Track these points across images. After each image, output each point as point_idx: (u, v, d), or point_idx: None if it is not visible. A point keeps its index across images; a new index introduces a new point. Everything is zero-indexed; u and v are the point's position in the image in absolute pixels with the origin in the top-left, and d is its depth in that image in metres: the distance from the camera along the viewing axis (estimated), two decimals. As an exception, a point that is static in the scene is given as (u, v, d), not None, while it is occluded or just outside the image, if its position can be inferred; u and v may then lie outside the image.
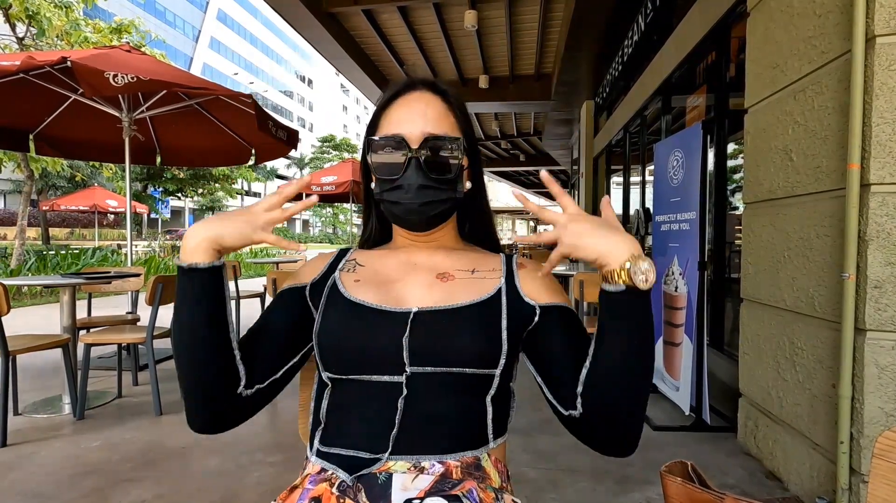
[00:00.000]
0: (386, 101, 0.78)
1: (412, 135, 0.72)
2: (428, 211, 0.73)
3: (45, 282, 2.75)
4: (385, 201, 0.75)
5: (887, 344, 1.55)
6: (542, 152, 14.69)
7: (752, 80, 2.27)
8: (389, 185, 0.73)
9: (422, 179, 0.72)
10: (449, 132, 0.75)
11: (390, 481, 0.62)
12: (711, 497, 0.53)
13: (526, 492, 1.85)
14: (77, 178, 17.74)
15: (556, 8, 6.22)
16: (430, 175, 0.72)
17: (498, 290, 0.74)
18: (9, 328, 2.37)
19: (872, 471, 0.56)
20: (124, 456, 2.15)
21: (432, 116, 0.74)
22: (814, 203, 1.82)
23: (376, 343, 0.68)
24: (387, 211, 0.77)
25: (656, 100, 5.09)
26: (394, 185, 0.73)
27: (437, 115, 0.75)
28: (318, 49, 7.05)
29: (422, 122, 0.73)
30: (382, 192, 0.75)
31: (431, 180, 0.72)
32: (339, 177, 7.25)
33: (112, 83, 2.62)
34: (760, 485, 1.96)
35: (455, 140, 0.73)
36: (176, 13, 46.11)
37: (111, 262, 9.77)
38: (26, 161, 8.56)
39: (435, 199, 0.73)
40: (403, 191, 0.72)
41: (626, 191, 6.81)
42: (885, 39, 1.54)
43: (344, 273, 0.79)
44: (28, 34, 8.44)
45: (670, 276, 2.80)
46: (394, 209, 0.75)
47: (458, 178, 0.76)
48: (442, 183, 0.73)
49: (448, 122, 0.76)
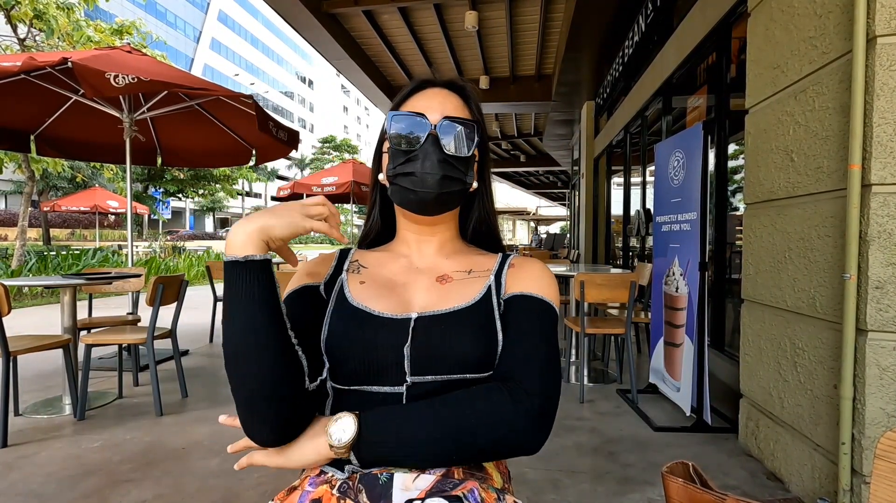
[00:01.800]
0: (404, 95, 0.80)
1: (432, 117, 0.75)
2: (441, 186, 0.74)
3: (46, 283, 2.75)
4: (399, 175, 0.75)
5: (888, 344, 1.55)
6: (543, 153, 14.70)
7: (753, 80, 2.27)
8: (405, 158, 0.74)
9: (439, 153, 0.73)
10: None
11: (391, 481, 0.61)
12: (713, 498, 0.53)
13: (526, 493, 1.85)
14: (78, 179, 17.75)
15: (557, 9, 6.23)
16: (447, 152, 0.74)
17: (487, 290, 0.75)
18: (9, 329, 2.37)
19: (874, 472, 0.56)
20: (125, 456, 2.15)
21: (450, 107, 0.77)
22: (815, 203, 1.82)
23: (378, 354, 0.68)
24: (397, 189, 0.76)
25: (657, 100, 5.09)
26: (409, 156, 0.74)
27: (455, 107, 0.77)
28: (319, 50, 7.06)
29: (440, 109, 0.76)
30: (396, 167, 0.75)
31: (447, 156, 0.74)
32: (340, 177, 7.25)
33: (113, 84, 2.62)
34: (762, 485, 1.96)
35: (472, 123, 0.76)
36: (177, 14, 46.18)
37: (112, 263, 9.78)
38: (27, 162, 8.57)
39: (449, 175, 0.74)
40: (419, 161, 0.73)
41: (627, 191, 6.80)
42: (886, 39, 1.54)
43: (351, 274, 0.79)
44: (30, 35, 8.45)
45: (671, 277, 2.80)
46: (407, 182, 0.74)
47: (469, 163, 0.77)
48: (456, 160, 0.75)
49: (464, 114, 0.78)
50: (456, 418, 0.62)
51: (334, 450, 0.62)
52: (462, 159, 0.75)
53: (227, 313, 0.61)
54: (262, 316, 0.61)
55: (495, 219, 0.87)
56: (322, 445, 0.63)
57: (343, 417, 0.62)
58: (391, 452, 0.61)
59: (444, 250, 0.81)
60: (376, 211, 0.86)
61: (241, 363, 0.61)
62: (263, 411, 0.62)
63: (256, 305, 0.61)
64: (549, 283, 0.76)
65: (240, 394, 0.62)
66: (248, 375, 0.61)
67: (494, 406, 0.63)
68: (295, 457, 0.64)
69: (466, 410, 0.62)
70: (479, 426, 0.62)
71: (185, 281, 2.94)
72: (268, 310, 0.61)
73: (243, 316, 0.61)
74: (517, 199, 40.38)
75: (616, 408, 2.81)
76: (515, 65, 8.15)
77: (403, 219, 0.81)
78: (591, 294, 2.89)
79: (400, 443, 0.61)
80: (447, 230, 0.82)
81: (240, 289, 0.61)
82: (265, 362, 0.61)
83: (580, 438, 2.38)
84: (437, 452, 0.62)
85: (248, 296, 0.61)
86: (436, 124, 0.74)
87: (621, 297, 2.91)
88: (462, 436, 0.62)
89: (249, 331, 0.60)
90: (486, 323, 0.71)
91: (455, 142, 0.74)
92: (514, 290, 0.74)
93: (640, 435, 2.43)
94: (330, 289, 0.77)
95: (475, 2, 6.14)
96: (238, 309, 0.61)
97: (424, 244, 0.81)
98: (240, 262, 0.61)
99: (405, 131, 0.75)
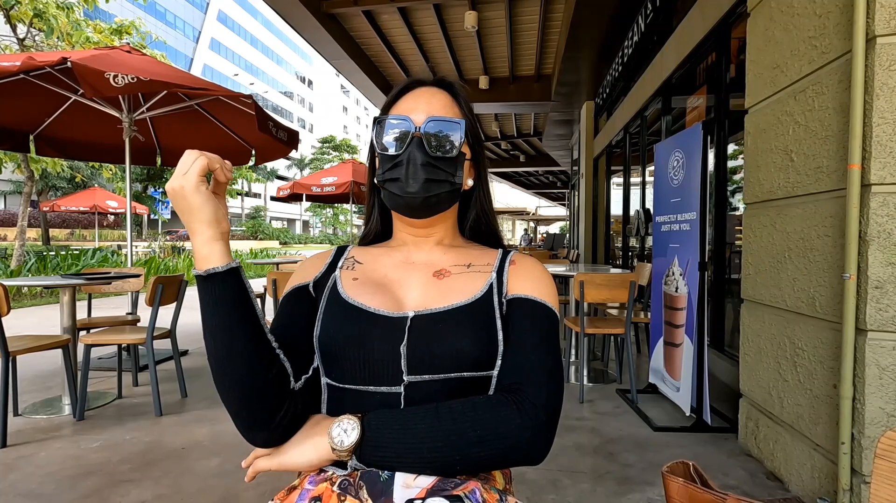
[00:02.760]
0: (393, 96, 0.80)
1: (417, 118, 0.74)
2: (427, 189, 0.73)
3: (46, 283, 2.75)
4: (386, 180, 0.75)
5: (888, 344, 1.55)
6: (542, 153, 14.70)
7: (753, 80, 2.27)
8: (391, 163, 0.74)
9: (423, 157, 0.72)
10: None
11: (392, 479, 0.61)
12: (713, 497, 0.53)
13: (526, 493, 1.85)
14: (77, 179, 17.75)
15: (557, 9, 6.23)
16: (430, 153, 0.73)
17: (489, 287, 0.74)
18: (9, 329, 2.36)
19: (874, 472, 0.56)
20: (124, 457, 2.15)
21: (437, 105, 0.76)
22: (814, 203, 1.82)
23: (374, 353, 0.68)
24: (388, 195, 0.76)
25: (656, 100, 5.09)
26: (395, 161, 0.73)
27: (442, 105, 0.77)
28: (319, 50, 7.06)
29: (427, 108, 0.75)
30: (384, 172, 0.75)
31: (431, 158, 0.73)
32: (340, 177, 7.25)
33: (112, 84, 2.62)
34: (761, 485, 1.96)
35: (457, 122, 0.75)
36: (176, 14, 46.16)
37: (111, 263, 9.77)
38: (26, 162, 8.56)
39: (435, 178, 0.73)
40: (404, 167, 0.73)
41: (627, 191, 6.81)
42: (886, 39, 1.54)
43: (344, 271, 0.79)
44: (29, 35, 8.44)
45: (671, 277, 2.80)
46: (394, 188, 0.74)
47: (457, 163, 0.76)
48: (441, 162, 0.74)
49: (453, 111, 0.77)
50: (462, 429, 0.62)
51: (336, 452, 0.62)
52: (448, 160, 0.74)
53: (203, 324, 0.64)
54: (230, 320, 0.63)
55: (493, 215, 0.87)
56: (324, 447, 0.63)
57: (346, 420, 0.62)
58: (394, 458, 0.61)
59: (441, 246, 0.81)
60: (375, 212, 0.86)
61: (220, 369, 0.63)
62: (250, 413, 0.63)
63: (225, 311, 0.63)
64: (550, 286, 0.76)
65: (226, 400, 0.64)
66: (228, 379, 0.63)
67: (501, 419, 0.63)
68: (296, 459, 0.64)
69: (472, 421, 0.62)
70: (486, 438, 0.62)
71: (184, 281, 2.93)
72: (236, 315, 0.63)
73: (213, 322, 0.63)
74: (517, 199, 40.42)
75: (616, 408, 2.81)
76: (515, 65, 8.15)
77: (399, 220, 0.81)
78: (591, 294, 2.89)
79: (404, 450, 0.61)
80: (444, 229, 0.82)
81: (208, 299, 0.63)
82: (240, 365, 0.63)
83: (580, 438, 2.38)
84: (440, 460, 0.62)
85: (216, 303, 0.63)
86: (419, 126, 0.73)
87: (621, 297, 2.91)
88: (467, 448, 0.62)
89: (222, 336, 0.63)
90: (487, 322, 0.70)
91: (440, 142, 0.74)
92: (517, 293, 0.74)
93: (639, 435, 2.43)
94: (321, 287, 0.77)
95: (475, 2, 6.14)
96: (208, 316, 0.63)
97: (421, 242, 0.81)
98: (202, 276, 0.63)
99: (390, 136, 0.74)
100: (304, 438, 0.65)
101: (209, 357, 0.64)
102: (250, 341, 0.63)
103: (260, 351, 0.64)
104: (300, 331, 0.72)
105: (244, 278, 0.65)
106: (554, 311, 0.73)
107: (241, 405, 0.63)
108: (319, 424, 0.66)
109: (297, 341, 0.71)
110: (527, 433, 0.62)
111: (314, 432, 0.65)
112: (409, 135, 0.73)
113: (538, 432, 0.63)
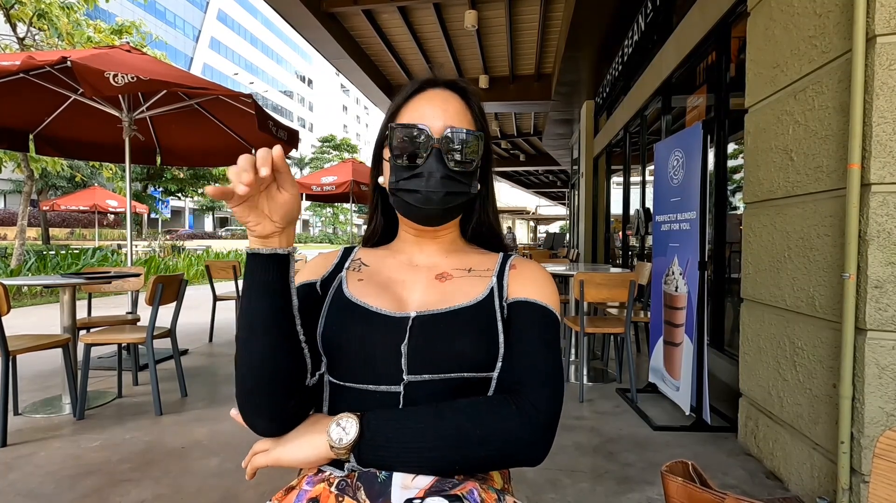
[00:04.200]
0: (405, 96, 0.78)
1: (434, 126, 0.72)
2: (446, 202, 0.73)
3: (45, 283, 2.75)
4: (402, 190, 0.74)
5: (888, 343, 1.55)
6: (542, 152, 14.70)
7: (753, 79, 2.27)
8: (409, 174, 0.73)
9: (443, 170, 0.72)
10: (467, 128, 0.75)
11: (390, 479, 0.61)
12: (712, 497, 0.53)
13: (526, 493, 1.85)
14: (77, 178, 17.73)
15: (557, 8, 6.23)
16: (451, 166, 0.72)
17: (490, 291, 0.74)
18: (9, 328, 2.36)
19: (873, 471, 0.56)
20: (124, 456, 2.15)
21: (452, 112, 0.75)
22: (814, 203, 1.82)
23: (374, 351, 0.68)
24: (400, 202, 0.75)
25: (656, 100, 5.09)
26: (414, 172, 0.72)
27: (457, 112, 0.75)
28: (319, 49, 7.06)
29: (443, 115, 0.74)
30: (399, 181, 0.74)
31: (452, 171, 0.72)
32: (340, 177, 7.24)
33: (112, 83, 2.62)
34: (761, 485, 1.96)
35: (477, 135, 0.74)
36: (176, 13, 46.13)
37: (111, 262, 9.77)
38: (26, 161, 8.56)
39: (453, 191, 0.73)
40: (423, 179, 0.72)
41: (627, 191, 6.81)
42: (886, 39, 1.54)
43: (350, 272, 0.79)
44: (29, 34, 8.44)
45: (671, 276, 2.80)
46: (410, 198, 0.73)
47: (474, 174, 0.76)
48: (461, 175, 0.73)
49: (466, 118, 0.76)
50: (462, 430, 0.62)
51: (335, 450, 0.62)
52: (467, 173, 0.74)
53: (242, 299, 0.64)
54: (270, 302, 0.62)
55: (497, 219, 0.86)
56: (322, 445, 0.63)
57: (345, 418, 0.62)
58: (393, 457, 0.61)
59: (443, 250, 0.81)
60: (378, 213, 0.86)
61: (246, 344, 0.63)
62: (261, 397, 0.63)
63: (272, 289, 0.62)
64: (550, 288, 0.76)
65: (244, 377, 0.63)
66: (252, 356, 0.62)
67: (502, 420, 0.63)
68: (294, 456, 0.64)
69: (473, 422, 0.62)
70: (486, 439, 0.62)
71: (184, 280, 2.93)
72: (279, 299, 0.63)
73: (254, 300, 0.62)
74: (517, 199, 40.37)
75: (615, 407, 2.81)
76: (515, 64, 8.15)
77: (405, 223, 0.81)
78: (591, 293, 2.89)
79: (403, 450, 0.61)
80: (449, 233, 0.82)
81: (253, 278, 0.63)
82: (267, 347, 0.62)
83: (580, 437, 2.38)
84: (440, 461, 0.62)
85: (261, 283, 0.62)
86: (438, 136, 0.72)
87: (621, 297, 2.91)
88: (467, 449, 0.61)
89: (257, 315, 0.62)
90: (488, 325, 0.71)
91: (460, 155, 0.72)
92: (518, 296, 0.74)
93: (639, 434, 2.43)
94: (327, 286, 0.77)
95: (475, 1, 6.14)
96: (249, 294, 0.63)
97: (425, 244, 0.81)
98: (261, 254, 0.62)
99: (407, 145, 0.72)
100: (302, 435, 0.65)
101: (239, 330, 0.64)
102: (286, 321, 0.64)
103: (291, 336, 0.64)
104: (311, 328, 0.72)
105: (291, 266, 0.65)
106: (555, 314, 0.73)
107: (256, 384, 0.63)
108: (318, 422, 0.66)
109: (311, 336, 0.71)
110: (527, 434, 0.62)
111: (313, 429, 0.65)
112: (428, 146, 0.71)
113: (538, 433, 0.63)
